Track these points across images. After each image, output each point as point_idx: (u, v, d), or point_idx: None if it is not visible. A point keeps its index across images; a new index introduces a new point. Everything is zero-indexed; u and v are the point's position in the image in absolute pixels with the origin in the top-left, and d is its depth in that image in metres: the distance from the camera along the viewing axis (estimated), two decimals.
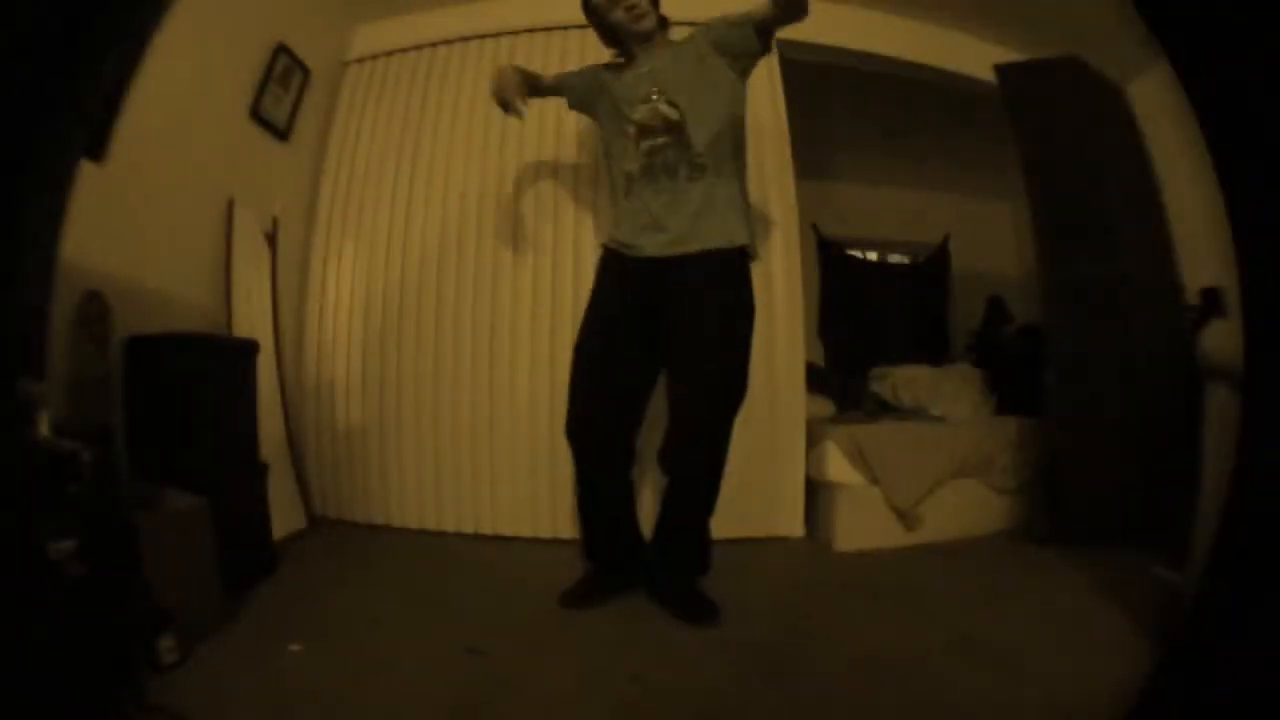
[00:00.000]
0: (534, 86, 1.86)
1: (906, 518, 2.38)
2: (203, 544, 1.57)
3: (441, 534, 2.52)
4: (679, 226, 1.64)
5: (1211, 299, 2.31)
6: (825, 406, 2.91)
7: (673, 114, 1.66)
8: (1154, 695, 0.93)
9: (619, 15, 1.76)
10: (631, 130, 1.70)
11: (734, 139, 1.73)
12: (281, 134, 2.56)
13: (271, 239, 2.55)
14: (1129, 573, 1.91)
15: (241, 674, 1.37)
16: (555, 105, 2.59)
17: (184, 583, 1.47)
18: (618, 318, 1.70)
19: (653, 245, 1.66)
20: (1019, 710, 1.25)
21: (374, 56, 2.85)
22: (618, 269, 1.72)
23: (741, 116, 1.75)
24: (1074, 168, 2.37)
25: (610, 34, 1.83)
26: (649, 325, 1.67)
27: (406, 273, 2.63)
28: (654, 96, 1.67)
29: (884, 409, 2.84)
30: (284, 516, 2.31)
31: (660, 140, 1.66)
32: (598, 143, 1.93)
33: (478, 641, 1.52)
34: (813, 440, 2.50)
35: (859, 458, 2.38)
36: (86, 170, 1.69)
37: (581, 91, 1.89)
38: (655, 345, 1.68)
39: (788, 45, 2.70)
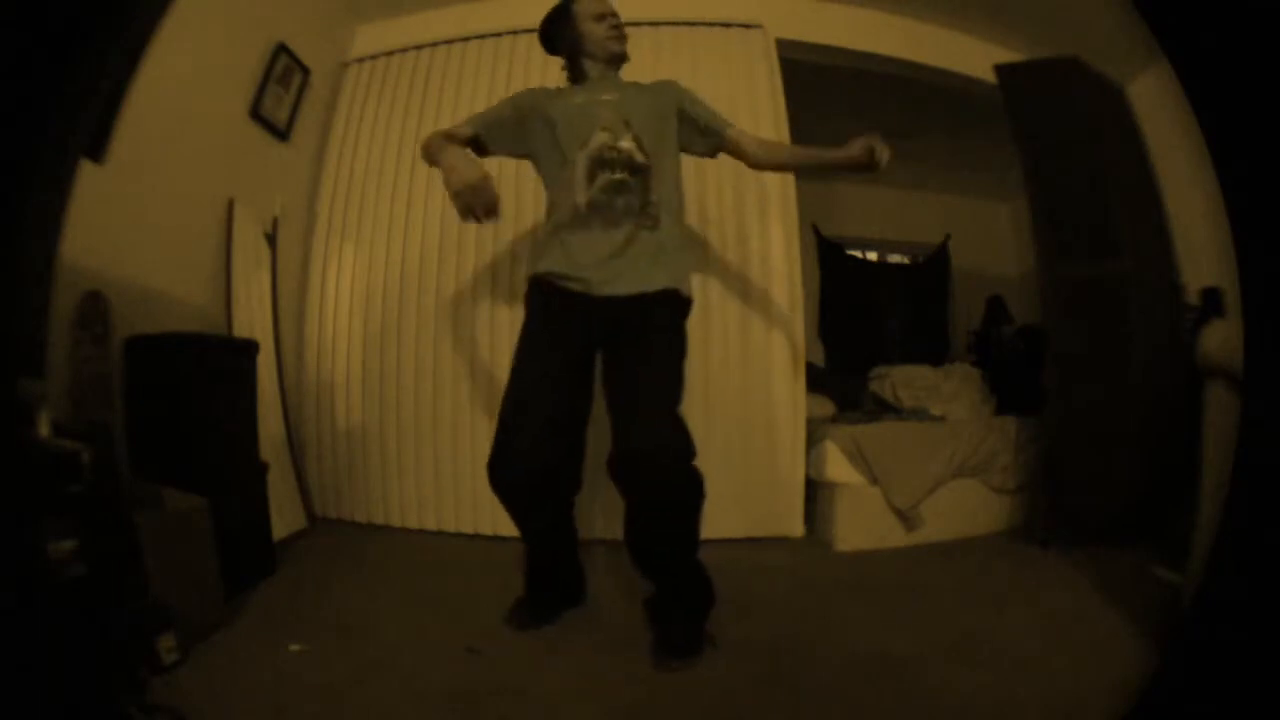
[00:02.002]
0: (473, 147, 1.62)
1: (906, 518, 2.38)
2: (203, 544, 1.57)
3: (441, 534, 2.52)
4: (634, 270, 1.52)
5: (1211, 299, 2.31)
6: (825, 406, 2.91)
7: (639, 156, 1.54)
8: (1154, 695, 0.93)
9: (600, 30, 1.63)
10: (585, 158, 1.54)
11: (680, 194, 1.66)
12: (281, 134, 2.56)
13: (271, 239, 2.55)
14: (1129, 573, 1.91)
15: (241, 674, 1.37)
16: None
17: (184, 583, 1.47)
18: (562, 352, 1.54)
19: (607, 285, 1.52)
20: (1019, 710, 1.25)
21: (374, 56, 2.85)
22: (558, 304, 1.56)
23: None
24: (1074, 168, 2.36)
25: (570, 46, 1.68)
26: (588, 355, 1.56)
27: (406, 272, 2.63)
28: (620, 128, 1.55)
29: (884, 409, 2.84)
30: (284, 516, 2.31)
31: (618, 176, 1.52)
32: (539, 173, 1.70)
33: (477, 641, 1.52)
34: (813, 440, 2.50)
35: (859, 458, 2.38)
36: (86, 170, 1.69)
37: (512, 125, 1.64)
38: (590, 377, 1.58)
39: (788, 45, 2.71)
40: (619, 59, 1.68)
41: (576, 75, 1.70)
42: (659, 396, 1.45)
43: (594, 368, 1.58)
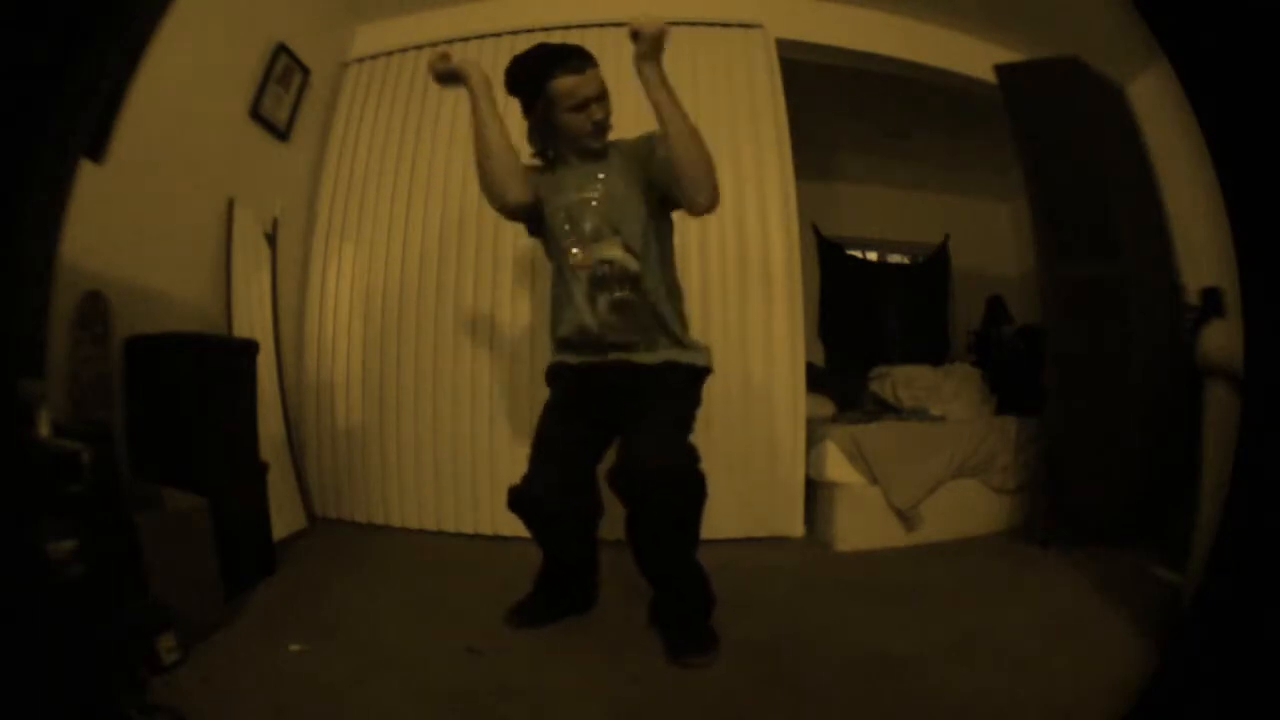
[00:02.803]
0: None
1: (906, 518, 2.38)
2: (203, 544, 1.57)
3: (441, 534, 2.52)
4: (655, 355, 1.56)
5: (1211, 299, 2.31)
6: (825, 406, 2.91)
7: (632, 265, 1.50)
8: (1154, 695, 0.93)
9: (578, 124, 1.47)
10: (582, 274, 1.52)
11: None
12: (281, 134, 2.56)
13: (271, 239, 2.55)
14: (1129, 573, 1.91)
15: (241, 674, 1.37)
16: None
17: (184, 583, 1.47)
18: (582, 403, 1.59)
19: (629, 359, 1.56)
20: (1019, 710, 1.25)
21: (374, 56, 2.85)
22: (578, 370, 1.60)
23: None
24: (1074, 168, 2.36)
25: (542, 134, 1.54)
26: (607, 407, 1.57)
27: (406, 272, 2.63)
28: (608, 235, 1.50)
29: (884, 409, 2.84)
30: (284, 516, 2.31)
31: (619, 295, 1.50)
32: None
33: (477, 641, 1.52)
34: (813, 440, 2.50)
35: (859, 458, 2.38)
36: (86, 170, 1.69)
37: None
38: (606, 428, 1.59)
39: (788, 45, 2.71)
40: (596, 153, 1.54)
41: (551, 162, 1.59)
42: (664, 422, 1.46)
43: (611, 420, 1.57)
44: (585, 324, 1.53)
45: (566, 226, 1.53)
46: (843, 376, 3.31)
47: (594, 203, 1.51)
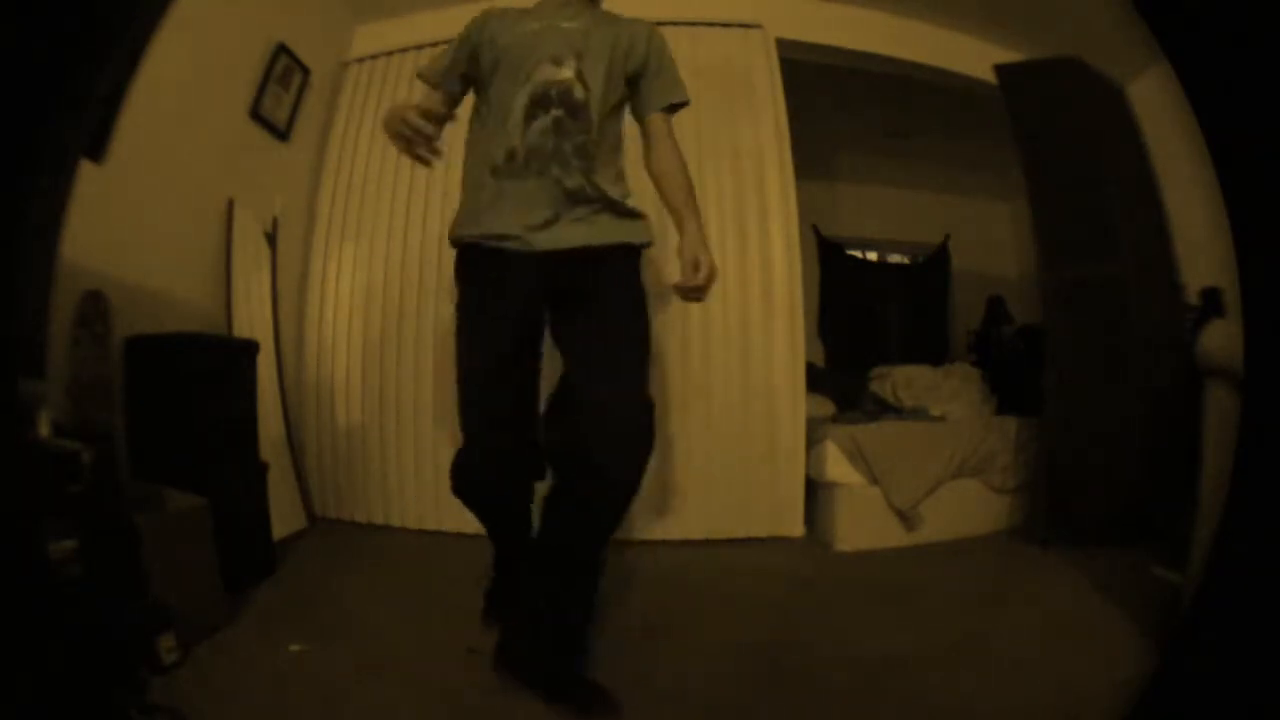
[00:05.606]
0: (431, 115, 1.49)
1: (906, 518, 2.38)
2: (203, 544, 1.57)
3: (441, 534, 2.52)
4: (578, 224, 1.35)
5: (1211, 299, 2.31)
6: (825, 406, 2.91)
7: (578, 91, 1.33)
8: (1154, 695, 0.92)
9: None
10: (525, 94, 1.34)
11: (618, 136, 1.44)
12: (281, 134, 2.56)
13: (271, 239, 2.55)
14: (1129, 573, 1.91)
15: (241, 674, 1.37)
16: None
17: (184, 583, 1.47)
18: (508, 329, 1.38)
19: (548, 241, 1.33)
20: (1019, 710, 1.25)
21: (374, 56, 2.85)
22: (493, 272, 1.37)
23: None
24: (1074, 168, 2.36)
25: None
26: (535, 326, 1.40)
27: (406, 272, 2.63)
28: (568, 60, 1.34)
29: (884, 409, 2.84)
30: (284, 516, 2.31)
31: (555, 114, 1.33)
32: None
33: (477, 641, 1.51)
34: (813, 440, 2.50)
35: (859, 458, 2.38)
36: (86, 170, 1.69)
37: (465, 64, 1.50)
38: (539, 350, 1.43)
39: (788, 45, 2.71)
40: None
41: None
42: (623, 354, 1.29)
43: (542, 338, 1.42)
44: (513, 147, 1.34)
45: (528, 51, 1.36)
46: (843, 376, 3.31)
47: (569, 30, 1.37)
